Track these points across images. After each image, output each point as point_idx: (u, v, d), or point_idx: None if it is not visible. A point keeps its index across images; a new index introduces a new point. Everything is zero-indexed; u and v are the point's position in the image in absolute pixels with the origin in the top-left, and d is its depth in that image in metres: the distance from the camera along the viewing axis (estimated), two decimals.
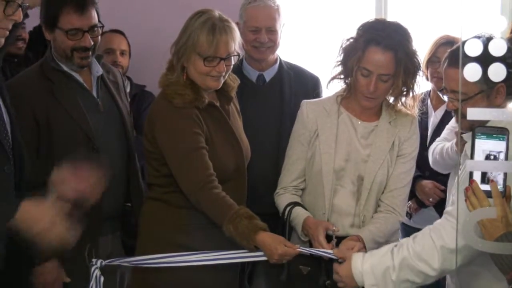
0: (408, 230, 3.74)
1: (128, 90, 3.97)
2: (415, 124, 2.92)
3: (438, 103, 3.80)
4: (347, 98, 2.89)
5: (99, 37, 2.97)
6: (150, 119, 2.83)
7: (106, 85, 3.04)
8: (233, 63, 2.79)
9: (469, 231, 1.91)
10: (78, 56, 2.92)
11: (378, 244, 2.76)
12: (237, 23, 3.40)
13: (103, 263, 2.72)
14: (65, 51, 2.91)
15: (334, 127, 2.86)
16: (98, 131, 2.93)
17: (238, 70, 3.37)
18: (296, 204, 2.89)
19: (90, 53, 2.94)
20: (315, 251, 2.66)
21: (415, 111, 2.91)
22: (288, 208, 2.88)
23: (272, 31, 3.32)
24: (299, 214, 2.84)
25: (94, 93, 2.99)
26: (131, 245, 3.06)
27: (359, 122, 2.88)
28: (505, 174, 2.00)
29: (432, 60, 3.75)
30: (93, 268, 2.69)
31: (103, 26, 2.95)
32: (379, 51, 2.72)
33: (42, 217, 2.23)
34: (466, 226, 1.91)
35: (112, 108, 3.02)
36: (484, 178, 2.02)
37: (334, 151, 2.84)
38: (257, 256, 2.67)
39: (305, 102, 2.98)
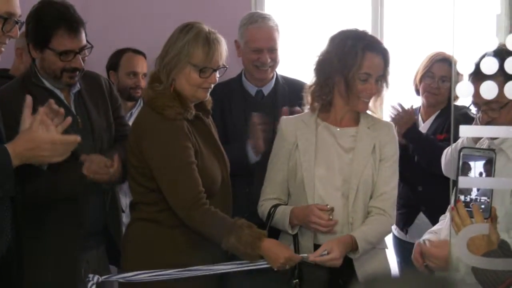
0: (403, 245, 3.74)
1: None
2: (393, 129, 3.00)
3: (427, 117, 3.84)
4: (323, 112, 2.96)
5: (86, 57, 2.98)
6: (136, 133, 2.79)
7: (83, 100, 3.03)
8: (219, 75, 2.80)
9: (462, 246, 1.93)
10: (67, 76, 2.92)
11: (371, 245, 2.84)
12: (236, 41, 3.44)
13: (100, 279, 2.72)
14: (55, 71, 2.91)
15: (313, 136, 2.92)
16: (79, 147, 2.93)
17: (238, 84, 3.46)
18: (278, 205, 2.92)
19: (78, 72, 2.95)
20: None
21: (381, 113, 3.04)
22: (271, 210, 2.90)
23: (273, 51, 3.38)
24: (284, 210, 2.88)
25: (73, 109, 2.99)
26: (117, 259, 3.06)
27: (338, 129, 2.94)
28: (490, 198, 2.04)
29: (427, 75, 3.78)
30: (89, 285, 2.69)
31: (92, 47, 2.95)
32: (375, 55, 2.86)
33: (39, 142, 2.36)
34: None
35: (86, 124, 3.00)
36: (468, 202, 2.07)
37: (314, 159, 2.88)
38: (259, 265, 2.69)
39: (283, 118, 3.05)
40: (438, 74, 3.77)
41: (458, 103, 3.72)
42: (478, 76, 2.38)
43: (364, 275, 2.84)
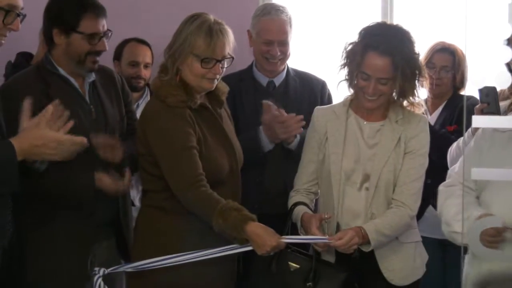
0: None
1: (148, 99, 3.96)
2: (424, 122, 2.95)
3: (434, 109, 3.82)
4: (355, 100, 2.96)
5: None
6: (142, 120, 2.85)
7: (98, 91, 3.03)
8: (226, 66, 2.81)
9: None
10: (91, 60, 2.94)
11: (386, 237, 2.81)
12: (248, 31, 3.45)
13: (106, 271, 2.71)
14: (80, 55, 2.91)
15: (342, 129, 2.92)
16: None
17: (249, 74, 3.48)
18: (300, 203, 2.93)
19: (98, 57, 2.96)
20: (302, 239, 2.78)
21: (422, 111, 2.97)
22: (292, 208, 2.93)
23: (283, 44, 3.38)
24: (299, 212, 2.89)
25: (87, 99, 2.98)
26: (127, 252, 3.05)
27: (365, 123, 2.94)
28: None
29: (428, 66, 3.75)
30: (96, 277, 2.68)
31: (111, 32, 2.97)
32: (377, 56, 2.78)
33: (46, 140, 2.36)
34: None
35: (100, 114, 3.00)
36: None
37: (342, 152, 2.89)
38: (244, 247, 2.68)
39: (316, 108, 3.06)
40: (439, 64, 3.75)
41: (462, 93, 3.70)
42: None
43: (389, 271, 2.86)
